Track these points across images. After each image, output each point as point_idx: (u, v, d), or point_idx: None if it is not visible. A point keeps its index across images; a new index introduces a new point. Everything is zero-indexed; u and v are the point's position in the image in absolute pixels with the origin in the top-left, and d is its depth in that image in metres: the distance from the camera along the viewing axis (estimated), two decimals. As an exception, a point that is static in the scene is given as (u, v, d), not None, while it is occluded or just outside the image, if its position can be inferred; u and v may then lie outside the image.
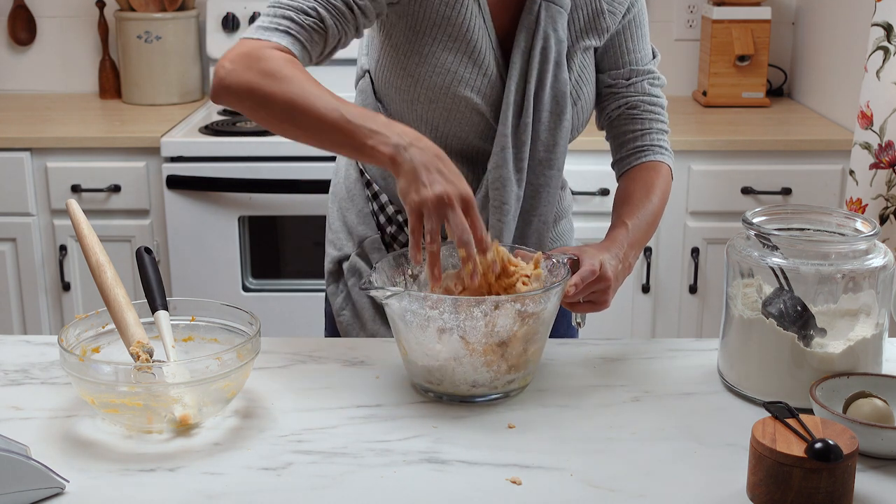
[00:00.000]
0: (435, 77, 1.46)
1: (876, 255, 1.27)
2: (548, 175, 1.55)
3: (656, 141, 1.60)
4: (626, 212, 1.52)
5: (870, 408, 1.18)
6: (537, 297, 1.26)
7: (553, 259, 1.37)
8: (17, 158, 2.73)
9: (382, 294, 1.26)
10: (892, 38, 2.25)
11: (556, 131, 1.53)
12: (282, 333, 1.56)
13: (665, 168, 1.59)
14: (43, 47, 3.33)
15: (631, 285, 2.81)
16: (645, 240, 1.53)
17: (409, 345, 1.28)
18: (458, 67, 1.46)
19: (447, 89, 1.47)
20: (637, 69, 1.60)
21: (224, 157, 2.70)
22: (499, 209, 1.51)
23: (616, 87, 1.60)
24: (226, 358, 1.21)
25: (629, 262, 1.47)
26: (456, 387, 1.28)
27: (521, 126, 1.50)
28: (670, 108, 1.67)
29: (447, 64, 1.46)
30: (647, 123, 1.60)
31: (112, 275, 1.31)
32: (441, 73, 1.46)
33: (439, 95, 1.47)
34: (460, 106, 1.48)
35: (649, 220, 1.53)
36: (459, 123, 1.50)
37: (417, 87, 1.48)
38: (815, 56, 3.10)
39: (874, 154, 2.31)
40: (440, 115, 1.49)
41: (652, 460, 1.16)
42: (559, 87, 1.51)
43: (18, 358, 1.42)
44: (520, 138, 1.50)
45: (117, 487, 1.09)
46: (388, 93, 1.53)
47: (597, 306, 1.43)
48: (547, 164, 1.54)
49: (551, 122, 1.52)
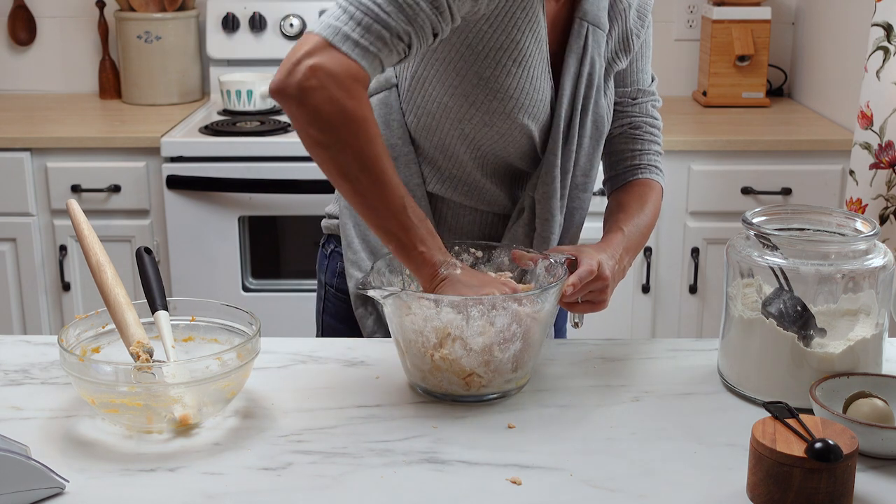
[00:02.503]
0: (495, 103, 1.40)
1: (876, 255, 1.27)
2: (582, 198, 1.55)
3: (652, 161, 1.62)
4: (622, 219, 1.52)
5: (870, 408, 1.18)
6: (534, 298, 1.26)
7: (550, 259, 1.37)
8: (17, 158, 2.73)
9: (380, 294, 1.26)
10: (892, 38, 2.25)
11: (593, 156, 1.53)
12: (282, 333, 1.56)
13: (658, 187, 1.61)
14: (43, 47, 3.33)
15: (631, 285, 2.81)
16: (637, 249, 1.53)
17: (407, 345, 1.28)
18: (520, 95, 1.40)
19: (507, 115, 1.41)
20: (643, 90, 1.61)
21: (224, 157, 2.70)
22: (546, 240, 1.49)
23: (622, 106, 1.60)
24: (226, 358, 1.21)
25: (623, 266, 1.47)
26: (453, 387, 1.28)
27: (566, 152, 1.48)
28: (670, 108, 1.68)
29: (509, 90, 1.39)
30: (646, 144, 1.61)
31: (112, 274, 1.31)
32: (502, 98, 1.39)
33: (496, 120, 1.41)
34: (514, 131, 1.43)
35: (643, 231, 1.54)
36: (506, 146, 1.45)
37: (471, 109, 1.40)
38: (815, 56, 3.10)
39: (874, 154, 2.31)
40: (490, 138, 1.43)
41: (652, 460, 1.16)
42: (599, 112, 1.50)
43: (18, 358, 1.42)
44: (564, 166, 1.48)
45: (117, 487, 1.09)
46: (427, 108, 1.44)
47: (595, 306, 1.43)
48: (583, 188, 1.54)
49: (591, 148, 1.52)
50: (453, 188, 1.50)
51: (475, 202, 1.51)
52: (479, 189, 1.50)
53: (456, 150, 1.46)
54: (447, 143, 1.46)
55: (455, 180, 1.50)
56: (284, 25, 3.17)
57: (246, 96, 2.99)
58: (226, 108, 3.03)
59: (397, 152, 1.48)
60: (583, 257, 1.38)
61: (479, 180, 1.49)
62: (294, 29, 3.17)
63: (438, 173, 1.50)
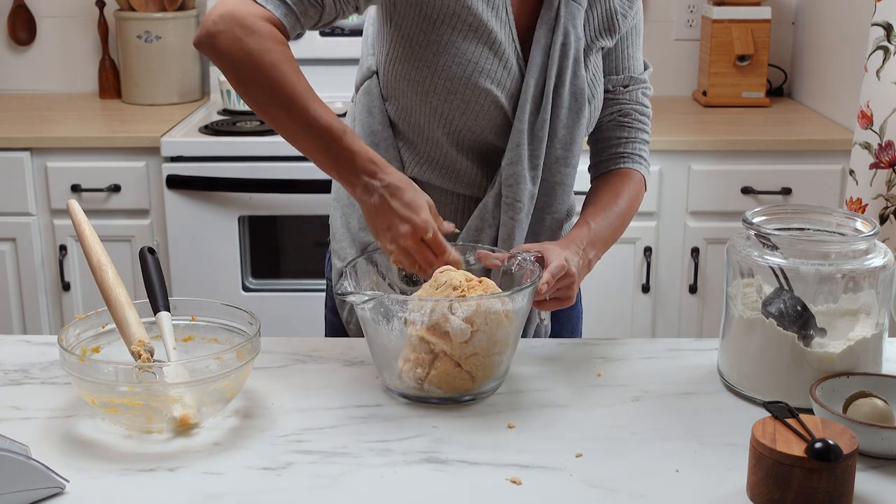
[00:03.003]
0: (455, 67, 1.44)
1: (876, 255, 1.27)
2: (564, 173, 1.56)
3: (637, 150, 1.62)
4: (591, 213, 1.54)
5: (870, 408, 1.18)
6: (512, 297, 1.26)
7: (519, 257, 1.37)
8: (17, 158, 2.72)
9: (360, 299, 1.26)
10: (892, 38, 2.25)
11: (574, 129, 1.53)
12: (282, 333, 1.56)
13: (638, 175, 1.61)
14: (43, 47, 3.32)
15: (631, 285, 2.81)
16: (610, 240, 1.54)
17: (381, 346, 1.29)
18: (479, 58, 1.44)
19: (467, 80, 1.45)
20: (635, 77, 1.62)
21: (224, 157, 2.69)
22: (511, 206, 1.50)
23: (613, 93, 1.61)
24: (226, 358, 1.21)
25: (589, 259, 1.48)
26: (430, 389, 1.27)
27: (538, 122, 1.50)
28: (670, 108, 1.68)
29: (467, 54, 1.44)
30: (633, 133, 1.62)
31: (113, 274, 1.31)
32: (461, 62, 1.44)
33: (458, 86, 1.45)
34: (479, 98, 1.46)
35: (613, 223, 1.54)
36: (476, 117, 1.48)
37: (434, 78, 1.45)
38: (815, 56, 3.10)
39: (874, 154, 2.31)
40: (457, 108, 1.47)
41: (652, 460, 1.16)
42: (578, 84, 1.51)
43: (18, 358, 1.42)
44: (536, 135, 1.50)
45: (117, 487, 1.10)
46: (399, 87, 1.49)
47: (563, 302, 1.43)
48: (564, 161, 1.54)
49: (570, 120, 1.52)
50: (432, 170, 1.53)
51: (454, 184, 1.54)
52: (456, 170, 1.52)
53: (430, 129, 1.49)
54: (422, 124, 1.49)
55: (433, 163, 1.52)
56: (284, 25, 3.17)
57: (246, 96, 2.99)
58: (226, 107, 3.03)
59: (378, 138, 1.54)
60: (550, 255, 1.39)
61: (455, 159, 1.51)
62: (294, 29, 3.17)
63: (417, 157, 1.53)
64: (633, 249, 2.78)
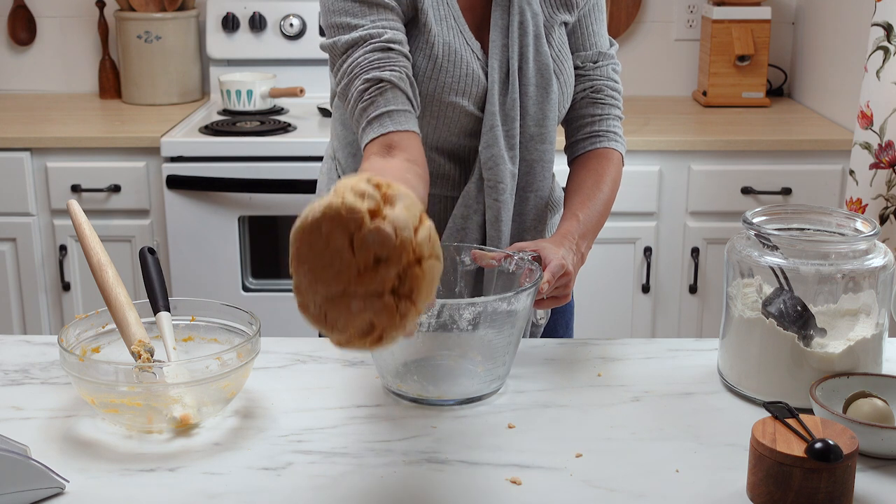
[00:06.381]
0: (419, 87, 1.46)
1: (876, 255, 1.27)
2: (540, 150, 1.56)
3: (612, 128, 1.62)
4: (578, 203, 1.54)
5: (870, 408, 1.18)
6: (513, 298, 1.25)
7: (517, 257, 1.37)
8: (17, 158, 2.72)
9: None
10: (892, 38, 2.25)
11: (544, 104, 1.54)
12: (282, 333, 1.56)
13: (617, 155, 1.61)
14: (43, 47, 3.32)
15: (631, 285, 2.81)
16: (597, 229, 1.55)
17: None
18: (439, 74, 1.46)
19: (431, 97, 1.47)
20: (603, 52, 1.62)
21: (224, 157, 2.69)
22: (494, 188, 1.51)
23: (584, 70, 1.61)
24: (226, 358, 1.21)
25: (582, 253, 1.49)
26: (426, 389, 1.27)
27: (508, 102, 1.51)
28: (670, 108, 1.68)
29: (427, 72, 1.46)
30: (607, 109, 1.62)
31: (113, 274, 1.31)
32: (422, 81, 1.46)
33: (426, 105, 1.48)
34: (447, 111, 1.49)
35: (600, 210, 1.55)
36: (449, 128, 1.51)
37: None
38: (815, 56, 3.10)
39: (874, 154, 2.31)
40: (428, 124, 1.50)
41: (652, 460, 1.16)
42: (542, 59, 1.52)
43: (18, 358, 1.42)
44: (508, 115, 1.51)
45: (117, 487, 1.10)
46: None
47: (560, 300, 1.43)
48: (539, 138, 1.55)
49: (539, 96, 1.53)
50: None
51: (437, 188, 1.55)
52: (437, 174, 1.54)
53: None
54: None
55: None
56: (284, 25, 3.17)
57: (246, 96, 2.99)
58: (226, 107, 3.03)
59: (356, 148, 1.57)
60: (547, 253, 1.39)
61: (436, 161, 1.53)
62: (294, 29, 3.17)
63: None
64: (633, 249, 2.78)
